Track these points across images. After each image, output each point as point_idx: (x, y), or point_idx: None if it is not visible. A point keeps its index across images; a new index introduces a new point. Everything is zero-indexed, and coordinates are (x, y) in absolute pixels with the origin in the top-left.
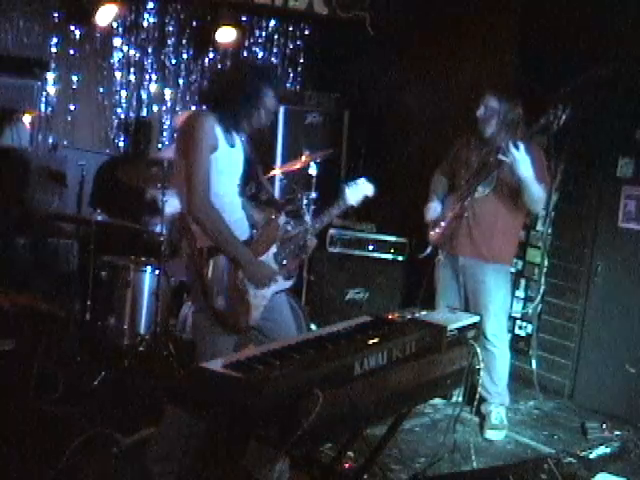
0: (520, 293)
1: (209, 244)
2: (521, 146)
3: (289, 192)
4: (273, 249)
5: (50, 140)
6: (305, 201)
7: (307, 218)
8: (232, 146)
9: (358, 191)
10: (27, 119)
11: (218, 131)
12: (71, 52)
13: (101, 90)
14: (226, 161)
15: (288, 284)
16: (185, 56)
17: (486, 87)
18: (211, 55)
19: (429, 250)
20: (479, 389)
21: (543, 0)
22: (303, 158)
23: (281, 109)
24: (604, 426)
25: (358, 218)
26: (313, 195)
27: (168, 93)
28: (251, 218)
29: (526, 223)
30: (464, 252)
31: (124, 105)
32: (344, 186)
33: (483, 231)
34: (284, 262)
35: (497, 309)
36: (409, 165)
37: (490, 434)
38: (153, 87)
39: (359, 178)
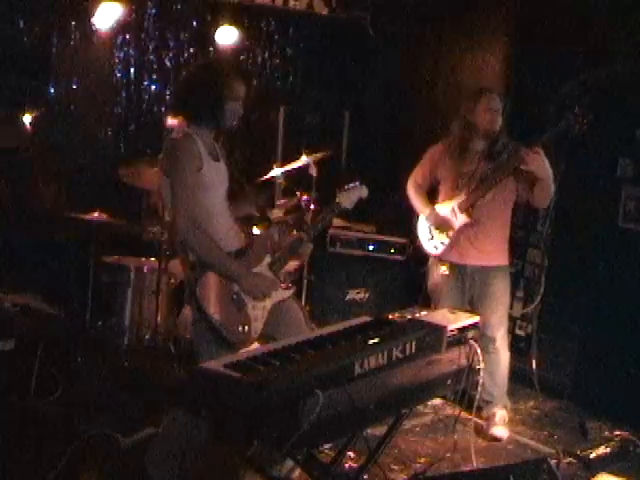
0: (520, 293)
1: None
2: (541, 151)
3: (289, 193)
4: (267, 259)
5: (50, 140)
6: (305, 201)
7: (307, 218)
8: (216, 159)
9: (352, 194)
10: (27, 119)
11: (201, 148)
12: (71, 52)
13: (101, 90)
14: (212, 176)
15: (287, 294)
16: (185, 56)
17: (482, 86)
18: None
19: (430, 262)
20: (479, 389)
21: None
22: (303, 157)
23: (281, 109)
24: (604, 426)
25: (358, 218)
26: (313, 195)
27: (168, 93)
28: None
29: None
30: (471, 259)
31: (124, 105)
32: (337, 190)
33: (486, 236)
34: (280, 271)
35: (504, 312)
36: (409, 165)
37: (497, 430)
38: (153, 87)
39: (354, 182)
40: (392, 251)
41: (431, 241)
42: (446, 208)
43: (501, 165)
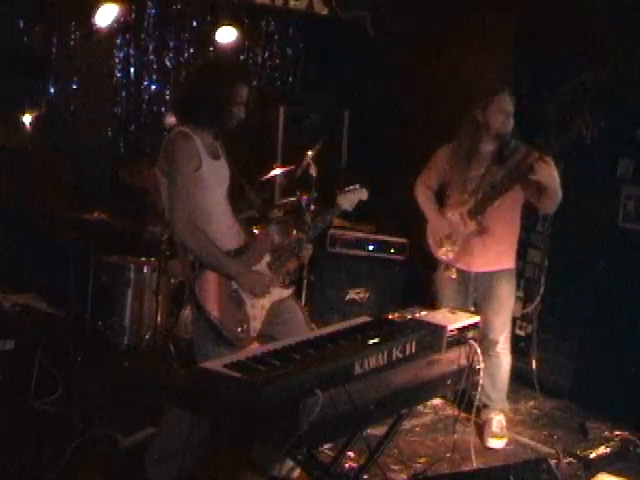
0: (520, 293)
1: None
2: (551, 161)
3: (289, 193)
4: (267, 258)
5: (50, 140)
6: (305, 201)
7: (307, 218)
8: (216, 158)
9: (352, 196)
10: (27, 119)
11: (200, 147)
12: (71, 52)
13: (101, 90)
14: (212, 174)
15: (287, 293)
16: (185, 56)
17: (494, 85)
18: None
19: (442, 267)
20: (478, 389)
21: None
22: (307, 158)
23: (281, 109)
24: (604, 426)
25: (358, 218)
26: (313, 195)
27: (168, 93)
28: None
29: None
30: (478, 266)
31: (124, 105)
32: (337, 192)
33: (495, 241)
34: (280, 270)
35: (508, 314)
36: (409, 165)
37: (492, 442)
38: (153, 87)
39: (355, 184)
40: (392, 251)
41: (440, 247)
42: (455, 214)
43: (510, 172)
